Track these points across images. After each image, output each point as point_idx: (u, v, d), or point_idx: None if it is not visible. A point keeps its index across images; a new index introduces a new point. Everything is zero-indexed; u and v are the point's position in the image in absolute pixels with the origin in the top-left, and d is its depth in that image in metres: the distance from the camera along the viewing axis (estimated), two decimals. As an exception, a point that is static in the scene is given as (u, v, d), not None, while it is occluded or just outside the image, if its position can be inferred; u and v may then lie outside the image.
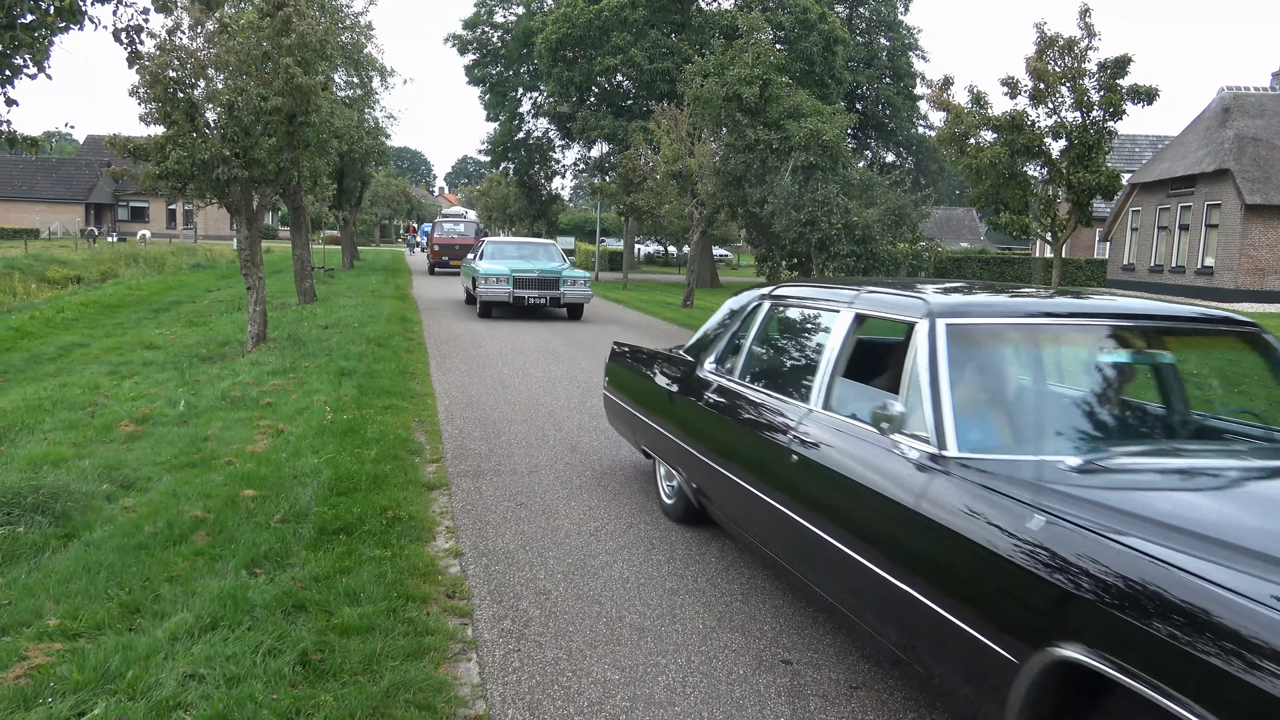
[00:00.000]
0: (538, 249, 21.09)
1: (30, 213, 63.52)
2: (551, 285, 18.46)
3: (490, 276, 18.37)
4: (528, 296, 18.36)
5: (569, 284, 18.56)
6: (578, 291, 18.72)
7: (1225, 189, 30.48)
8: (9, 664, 3.81)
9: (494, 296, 18.36)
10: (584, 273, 19.16)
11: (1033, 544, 2.68)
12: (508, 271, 18.39)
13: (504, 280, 18.22)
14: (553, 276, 18.50)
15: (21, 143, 6.10)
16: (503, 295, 18.33)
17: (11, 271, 30.56)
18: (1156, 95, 9.79)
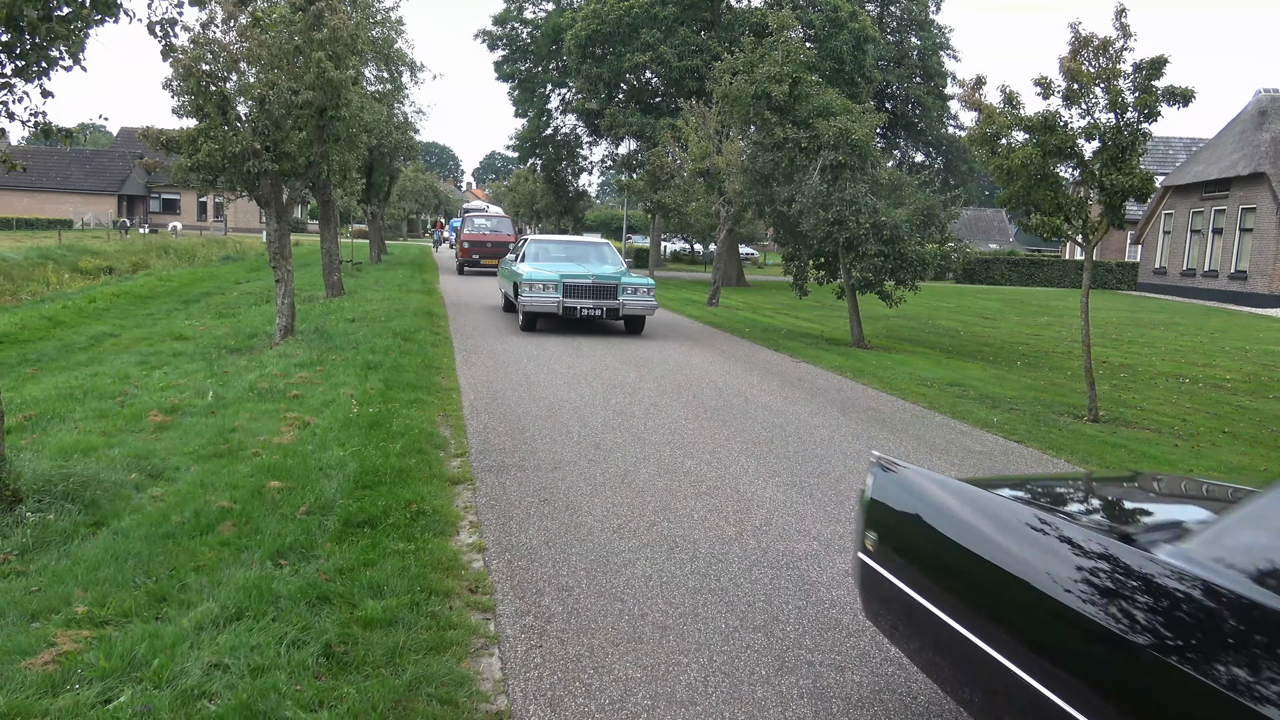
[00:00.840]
0: (589, 249, 18.18)
1: (64, 204, 64.37)
2: (609, 294, 15.58)
3: (535, 283, 15.40)
4: (580, 307, 15.44)
5: (629, 292, 15.64)
6: (639, 302, 15.66)
7: (1260, 193, 30.04)
8: (38, 650, 3.85)
9: (539, 306, 15.34)
10: (646, 279, 16.13)
11: None
12: (556, 277, 15.46)
13: (551, 287, 15.34)
14: (610, 283, 15.59)
15: (57, 134, 6.16)
16: (550, 305, 15.35)
17: (45, 261, 30.98)
18: (1193, 97, 9.62)
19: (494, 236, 32.52)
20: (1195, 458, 8.59)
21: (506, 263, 18.36)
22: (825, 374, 12.74)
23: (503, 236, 32.67)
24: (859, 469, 7.56)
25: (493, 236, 32.51)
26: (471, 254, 32.01)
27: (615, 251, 18.05)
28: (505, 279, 17.99)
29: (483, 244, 32.09)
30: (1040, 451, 8.49)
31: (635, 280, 15.91)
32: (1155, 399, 12.19)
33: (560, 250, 17.78)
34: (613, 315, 15.66)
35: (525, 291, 15.45)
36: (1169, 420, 10.62)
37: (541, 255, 17.30)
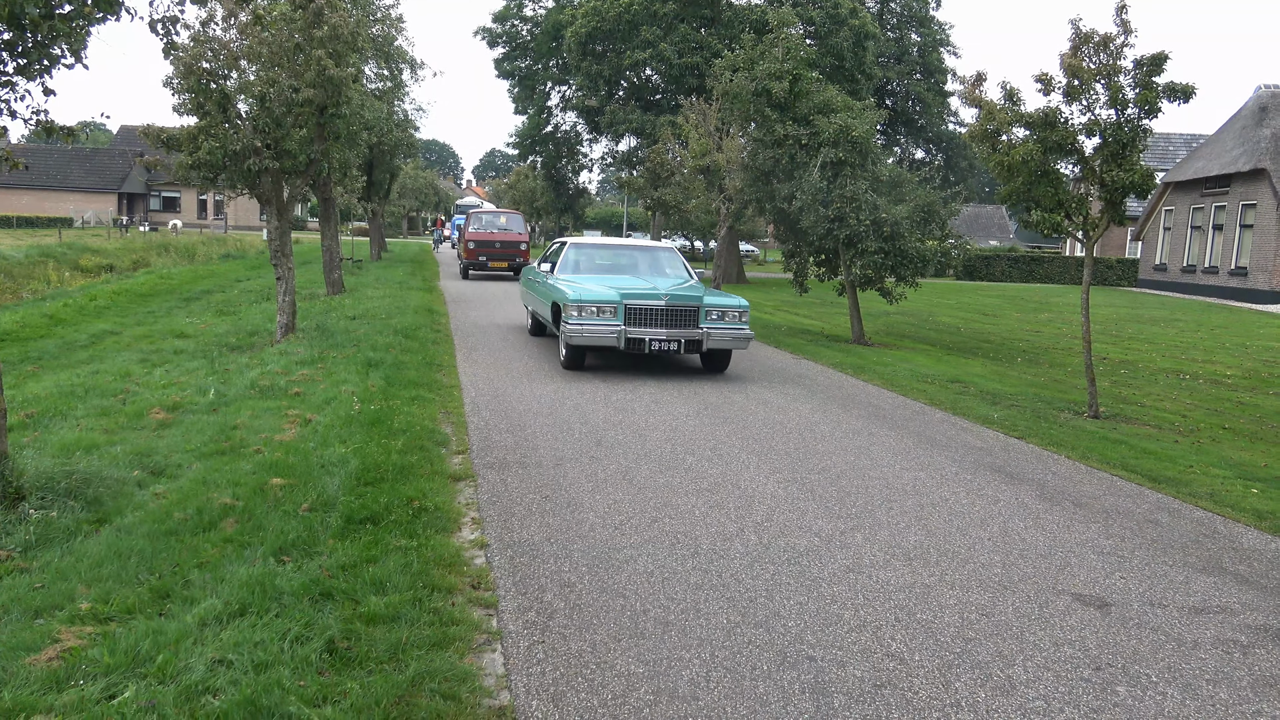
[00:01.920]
0: (644, 256, 13.68)
1: (64, 202, 64.38)
2: (687, 320, 11.19)
3: (586, 304, 11.14)
4: (649, 339, 11.08)
5: (715, 317, 11.24)
6: (729, 331, 11.30)
7: (1261, 189, 30.03)
8: (42, 646, 3.86)
9: (592, 337, 11.08)
10: (737, 299, 11.61)
11: None
12: (614, 296, 11.19)
13: (609, 310, 11.09)
14: (688, 305, 11.19)
15: (58, 132, 6.17)
16: (607, 336, 11.05)
17: (46, 260, 30.99)
18: (1193, 93, 9.62)
19: (504, 235, 28.41)
20: (1195, 453, 8.60)
21: (537, 275, 13.75)
22: (826, 370, 12.75)
23: (514, 236, 28.58)
24: (860, 465, 7.57)
25: (502, 236, 28.41)
26: (478, 255, 27.93)
27: (681, 259, 13.68)
28: (535, 295, 13.78)
29: (490, 245, 28.02)
30: (1040, 447, 8.51)
31: (722, 300, 11.43)
32: (1155, 395, 12.20)
33: (608, 257, 13.60)
34: (693, 349, 11.16)
35: (572, 317, 11.11)
36: (1169, 416, 10.63)
37: (585, 264, 13.23)
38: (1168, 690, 3.97)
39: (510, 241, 28.29)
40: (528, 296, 14.90)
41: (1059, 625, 4.57)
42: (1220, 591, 5.13)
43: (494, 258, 28.09)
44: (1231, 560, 5.67)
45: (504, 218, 30.10)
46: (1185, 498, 7.02)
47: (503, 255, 28.05)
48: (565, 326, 11.28)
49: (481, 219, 29.59)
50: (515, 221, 29.86)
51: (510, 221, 29.74)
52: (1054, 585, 5.10)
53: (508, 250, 28.08)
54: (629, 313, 11.16)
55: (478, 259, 28.00)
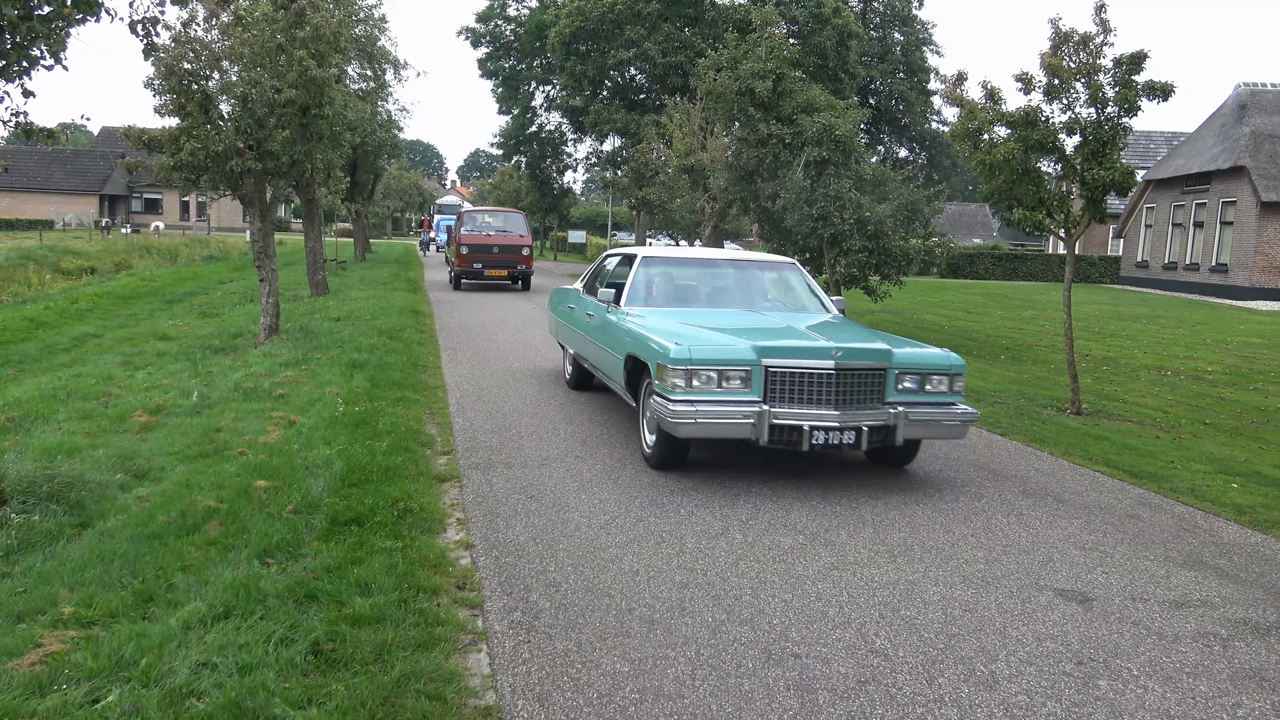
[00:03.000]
0: (751, 276, 9.15)
1: (45, 204, 63.89)
2: (869, 391, 6.84)
3: (703, 366, 6.68)
4: (813, 427, 6.60)
5: (910, 384, 7.01)
6: (937, 412, 6.98)
7: (1241, 186, 30.28)
8: (24, 651, 3.85)
9: (713, 424, 6.61)
10: (942, 353, 7.15)
11: None
12: (748, 352, 6.76)
13: (739, 376, 6.70)
14: (872, 364, 6.84)
15: (38, 134, 6.13)
16: (738, 421, 6.62)
17: (26, 262, 30.76)
18: (1172, 91, 9.70)
19: (503, 239, 24.39)
20: (1176, 449, 8.67)
21: (583, 303, 9.69)
22: (811, 369, 12.76)
23: (514, 239, 24.52)
24: (845, 464, 7.60)
25: (501, 239, 24.36)
26: (472, 262, 23.83)
27: (807, 278, 9.29)
28: (583, 335, 9.30)
29: (487, 249, 24.01)
30: (1023, 444, 8.56)
31: (920, 355, 7.05)
32: (1137, 391, 12.29)
33: (699, 277, 9.20)
34: (881, 439, 6.77)
35: (677, 389, 6.65)
36: (1151, 412, 10.72)
37: (664, 290, 8.84)
38: (1149, 683, 4.00)
39: (510, 245, 24.27)
40: (565, 332, 10.39)
41: (1041, 620, 4.61)
42: (1201, 585, 5.18)
43: (491, 265, 24.03)
44: (1212, 554, 5.72)
45: (502, 218, 25.77)
46: (1166, 493, 7.08)
47: (502, 262, 24.10)
48: (664, 405, 6.59)
49: (476, 219, 25.33)
50: (516, 222, 25.49)
51: (510, 222, 25.44)
52: (1036, 581, 5.14)
53: (507, 256, 24.15)
54: (773, 380, 6.63)
55: (472, 266, 23.89)
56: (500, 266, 24.08)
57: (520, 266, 24.31)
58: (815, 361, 6.69)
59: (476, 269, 23.85)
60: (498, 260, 24.03)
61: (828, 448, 6.64)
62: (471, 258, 23.77)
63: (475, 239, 24.09)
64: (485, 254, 23.90)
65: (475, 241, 23.99)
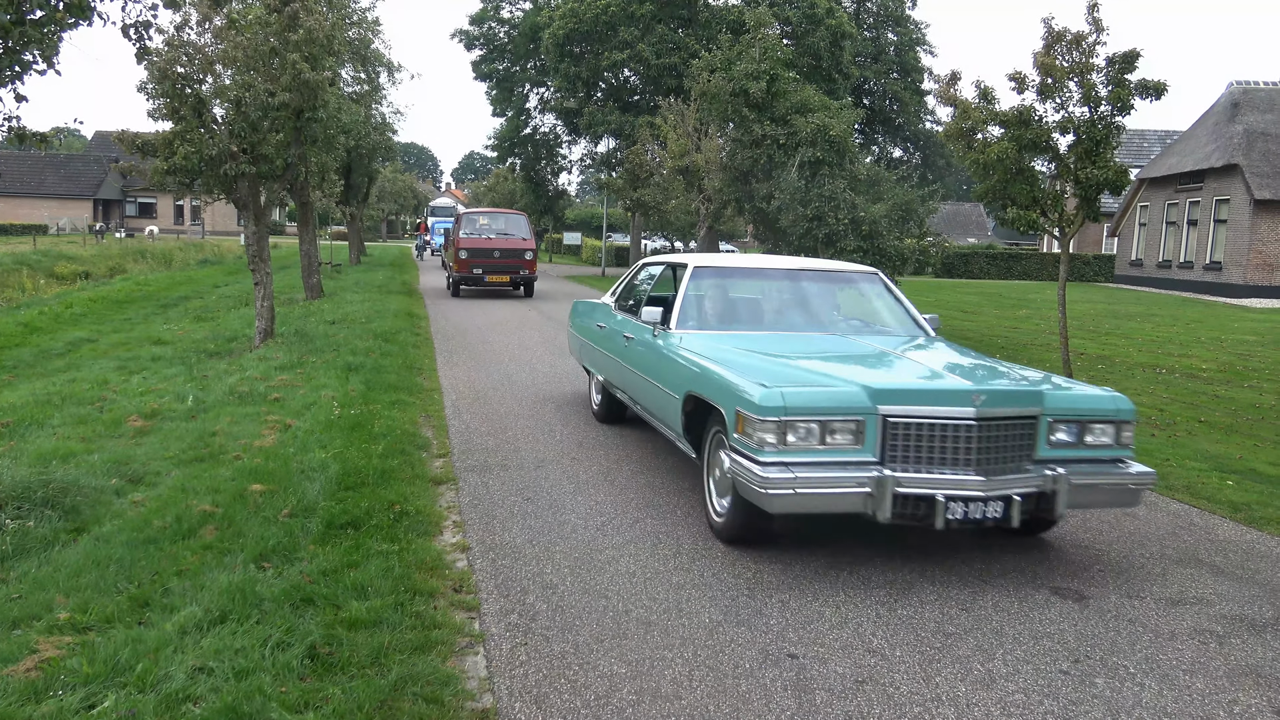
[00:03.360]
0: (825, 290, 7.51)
1: (39, 208, 63.75)
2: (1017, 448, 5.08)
3: (803, 417, 4.90)
4: (952, 499, 4.85)
5: (1067, 434, 5.24)
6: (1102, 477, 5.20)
7: (1234, 184, 30.35)
8: (20, 657, 3.83)
9: (817, 493, 4.85)
10: (1105, 393, 5.43)
11: None
12: (859, 396, 4.98)
13: (848, 428, 4.94)
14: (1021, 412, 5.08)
15: (31, 139, 6.12)
16: (849, 490, 4.86)
17: (20, 267, 30.69)
18: (1165, 90, 9.73)
19: (504, 242, 23.16)
20: (1172, 447, 8.69)
21: (618, 322, 8.11)
22: (806, 369, 12.76)
23: (517, 242, 23.30)
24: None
25: (502, 243, 23.15)
26: (471, 267, 22.58)
27: (891, 290, 7.84)
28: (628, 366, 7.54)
29: (488, 254, 22.74)
30: (1019, 443, 8.56)
31: (1083, 399, 5.41)
32: (1132, 389, 12.31)
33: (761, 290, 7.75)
34: (1034, 509, 5.14)
35: (767, 448, 4.93)
36: (1146, 410, 10.73)
37: (724, 311, 7.25)
38: (1145, 681, 4.01)
39: (513, 249, 22.99)
40: (594, 355, 8.77)
41: (1038, 618, 4.62)
42: (1196, 583, 5.19)
43: (492, 270, 22.74)
44: (1208, 552, 5.73)
45: (504, 219, 24.51)
46: (1162, 490, 7.09)
47: (503, 267, 22.84)
48: (749, 468, 4.96)
49: (476, 221, 23.99)
50: (518, 224, 24.25)
51: (512, 224, 24.19)
52: (1033, 579, 5.15)
53: (510, 260, 22.87)
54: (893, 434, 4.99)
55: (471, 271, 22.59)
56: (502, 272, 22.72)
57: (523, 272, 23.11)
58: (950, 409, 4.90)
59: (477, 275, 22.52)
60: (499, 265, 22.69)
61: (967, 523, 4.91)
62: (471, 263, 22.45)
63: (475, 243, 22.77)
64: (486, 259, 22.57)
65: (475, 245, 22.65)
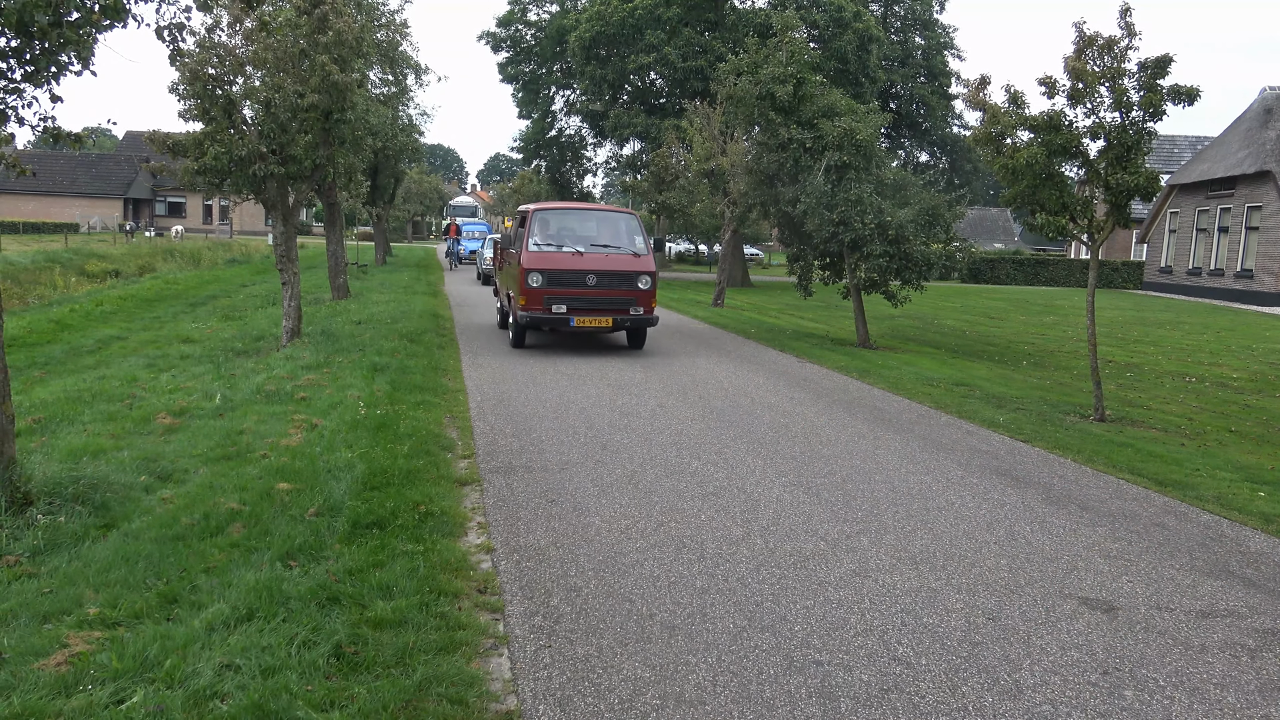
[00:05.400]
0: None
1: (70, 207, 64.52)
2: None
3: None
4: None
5: None
6: None
7: (1266, 191, 29.97)
8: (50, 651, 3.88)
9: None
10: None
11: None
12: None
13: None
14: None
15: (65, 138, 6.19)
16: None
17: (52, 265, 31.07)
18: (1198, 96, 9.60)
19: (606, 261, 14.01)
20: (1202, 456, 8.58)
21: None
22: (831, 374, 12.74)
23: (627, 261, 14.12)
24: (866, 469, 7.57)
25: (603, 260, 14.00)
26: (549, 302, 13.65)
27: None
28: None
29: (577, 279, 13.74)
30: (1046, 451, 8.49)
31: None
32: (1161, 398, 12.18)
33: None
34: None
35: None
36: (1175, 419, 10.61)
37: None
38: (1175, 694, 3.96)
39: (619, 273, 13.90)
40: None
41: (1066, 629, 4.57)
42: (1227, 595, 5.12)
43: (586, 307, 13.73)
44: (1238, 564, 5.66)
45: (602, 221, 15.17)
46: (1192, 501, 7.00)
47: (604, 302, 13.81)
48: None
49: (555, 224, 14.75)
50: (626, 229, 14.88)
51: (615, 229, 14.91)
52: (1060, 589, 5.10)
53: (615, 291, 13.86)
54: None
55: (548, 309, 13.60)
56: (602, 310, 13.70)
57: (636, 309, 13.88)
58: None
59: (558, 315, 13.54)
60: (597, 299, 13.68)
61: None
62: (548, 293, 13.51)
63: (554, 261, 13.68)
64: (574, 287, 13.61)
65: (555, 265, 13.62)
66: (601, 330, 14.17)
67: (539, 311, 13.59)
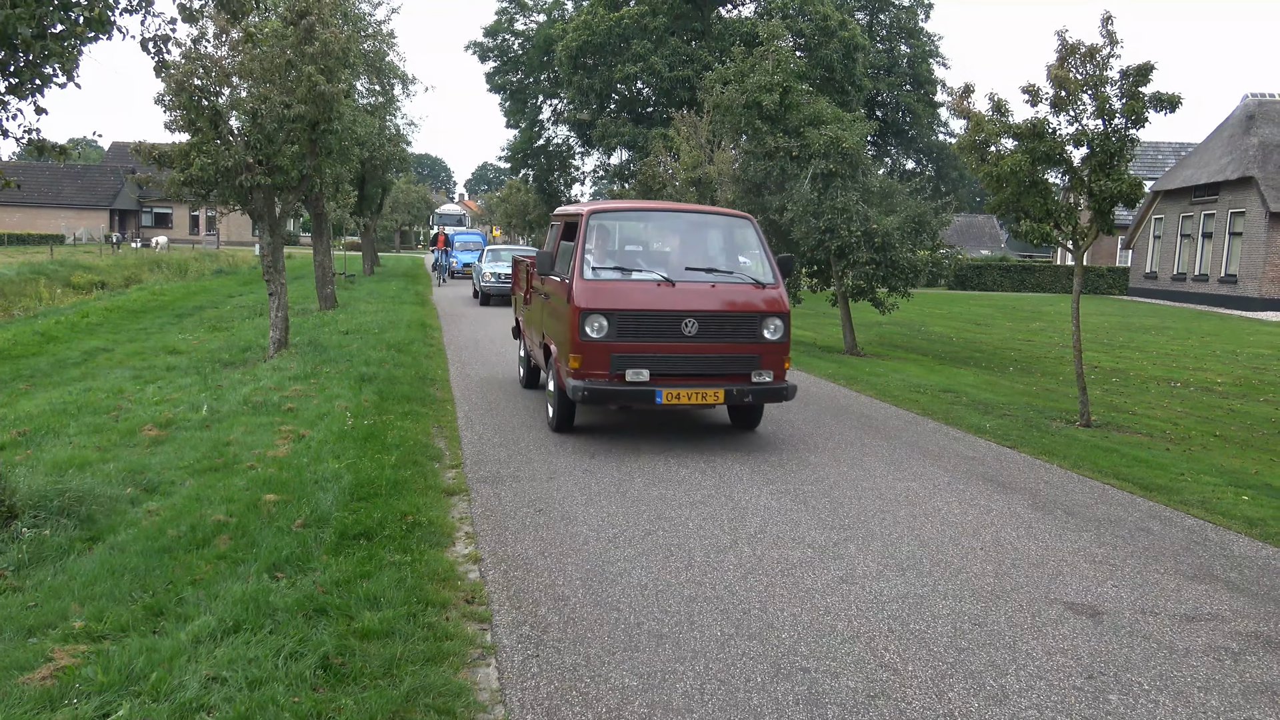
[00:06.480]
0: None
1: (56, 219, 64.25)
2: None
3: None
4: None
5: None
6: None
7: (1249, 197, 30.21)
8: (35, 665, 3.86)
9: None
10: None
11: None
12: None
13: None
14: None
15: (50, 150, 6.18)
16: None
17: (37, 277, 30.92)
18: (1179, 103, 9.69)
19: (713, 297, 8.35)
20: (1186, 461, 8.64)
21: None
22: (819, 381, 12.78)
23: (749, 297, 8.49)
24: (853, 476, 7.59)
25: (710, 298, 8.34)
26: (622, 362, 8.10)
27: None
28: None
29: (669, 325, 8.16)
30: (1032, 456, 8.54)
31: None
32: (1147, 403, 12.25)
33: None
34: None
35: None
36: (1160, 424, 10.68)
37: None
38: (1160, 698, 3.99)
39: (737, 315, 8.44)
40: None
41: (1051, 634, 4.59)
42: (1211, 599, 5.16)
43: (684, 372, 8.29)
44: (1223, 568, 5.69)
45: (698, 230, 9.52)
46: (1176, 505, 7.05)
47: (714, 364, 8.36)
48: None
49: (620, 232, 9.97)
50: (736, 239, 9.27)
51: (724, 240, 9.34)
52: (1046, 594, 5.12)
53: (728, 346, 8.39)
54: None
55: (620, 378, 8.15)
56: (707, 376, 8.35)
57: (761, 375, 8.50)
58: None
59: (636, 385, 8.17)
60: (701, 358, 8.35)
61: None
62: (620, 350, 8.18)
63: (628, 296, 8.34)
64: (662, 338, 8.26)
65: (629, 304, 8.29)
66: (704, 407, 8.47)
67: (604, 380, 8.07)
